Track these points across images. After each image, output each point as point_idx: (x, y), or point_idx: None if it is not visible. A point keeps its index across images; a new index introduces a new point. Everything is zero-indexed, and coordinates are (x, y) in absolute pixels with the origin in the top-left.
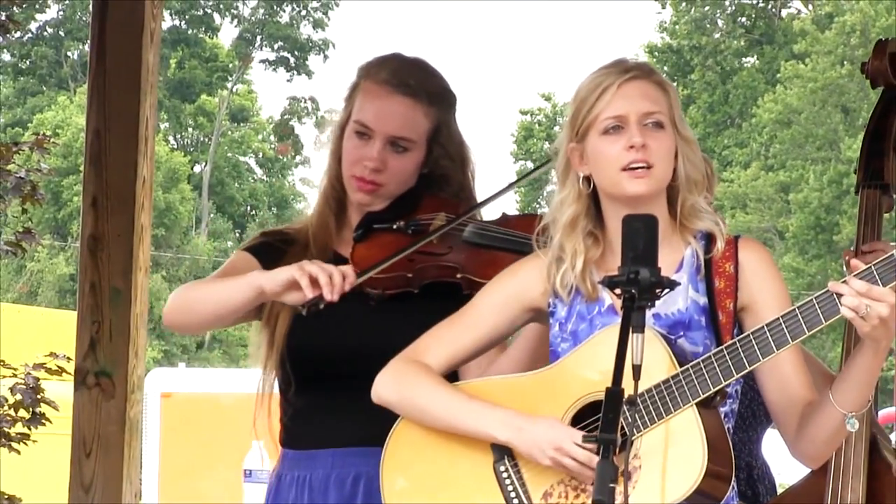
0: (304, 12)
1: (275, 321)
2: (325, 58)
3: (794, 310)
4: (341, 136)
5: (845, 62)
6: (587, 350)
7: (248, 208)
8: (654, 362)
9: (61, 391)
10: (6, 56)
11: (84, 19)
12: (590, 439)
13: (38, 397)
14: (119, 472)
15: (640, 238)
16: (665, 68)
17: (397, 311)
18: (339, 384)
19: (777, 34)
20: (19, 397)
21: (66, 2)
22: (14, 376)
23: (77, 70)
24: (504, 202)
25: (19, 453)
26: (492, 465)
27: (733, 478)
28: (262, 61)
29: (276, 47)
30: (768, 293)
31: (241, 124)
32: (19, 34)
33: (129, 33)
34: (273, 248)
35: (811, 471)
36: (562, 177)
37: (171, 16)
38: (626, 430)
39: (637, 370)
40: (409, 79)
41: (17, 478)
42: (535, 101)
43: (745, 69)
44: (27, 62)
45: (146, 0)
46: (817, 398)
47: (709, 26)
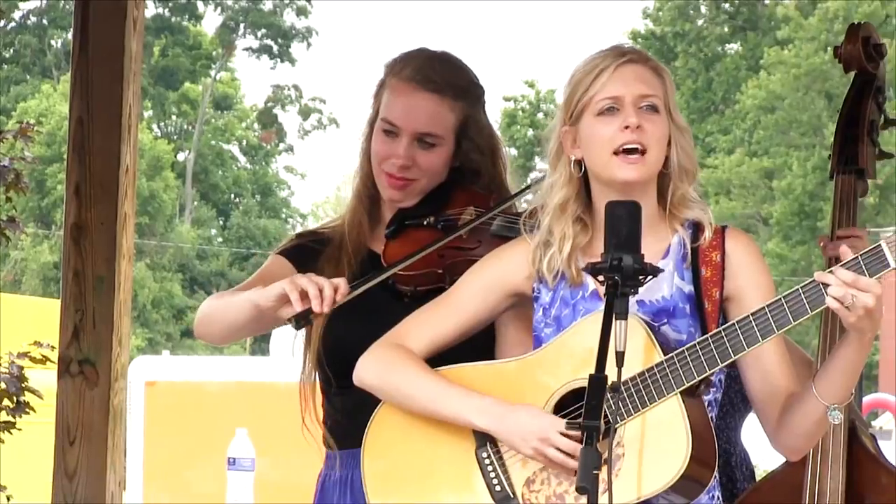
0: (287, 0)
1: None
2: (309, 45)
3: (780, 299)
4: (370, 135)
5: (829, 48)
6: (570, 336)
7: (232, 196)
8: (637, 350)
9: (45, 379)
10: None
11: (67, 8)
12: (573, 426)
13: (22, 386)
14: (103, 461)
15: (624, 225)
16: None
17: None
18: None
19: (760, 20)
20: (3, 386)
21: None
22: (2, 366)
23: (60, 58)
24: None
25: (3, 442)
26: (473, 451)
27: (716, 466)
28: (246, 49)
29: (259, 35)
30: (754, 283)
31: (225, 112)
32: (2, 23)
33: (112, 21)
34: (308, 250)
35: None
36: (553, 160)
37: (154, 4)
38: (610, 417)
39: (620, 357)
40: (434, 74)
41: (1, 466)
42: (518, 88)
43: (728, 56)
44: (10, 51)
45: None
46: (800, 390)
47: (692, 13)
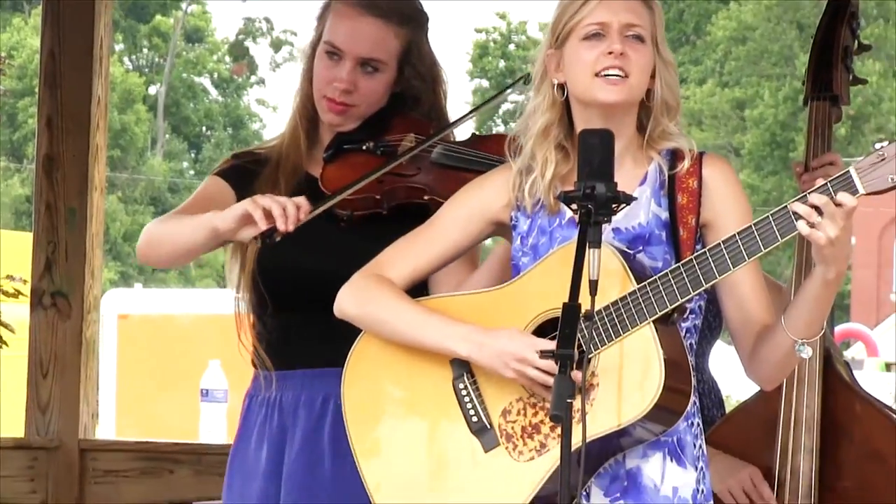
0: None
1: (246, 244)
2: None
3: (751, 227)
4: (312, 57)
5: None
6: (546, 265)
7: (204, 129)
8: (611, 278)
9: (18, 313)
10: None
11: None
12: (547, 355)
13: None
14: (76, 393)
15: (597, 153)
16: None
17: (367, 232)
18: (310, 305)
19: None
20: None
21: None
22: None
23: None
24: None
25: None
26: (451, 381)
27: (693, 392)
28: None
29: None
30: (731, 209)
31: (196, 45)
32: None
33: None
34: (245, 171)
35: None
36: (538, 83)
37: None
38: (584, 346)
39: (594, 285)
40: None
41: None
42: (490, 20)
43: None
44: None
45: None
46: (774, 321)
47: None
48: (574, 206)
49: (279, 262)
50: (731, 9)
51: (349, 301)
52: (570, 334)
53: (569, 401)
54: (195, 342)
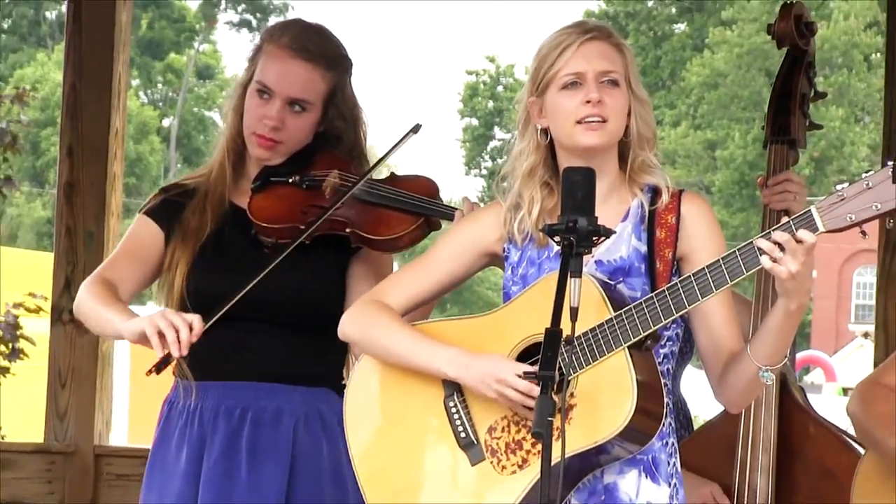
0: None
1: (175, 268)
2: (285, 19)
3: (719, 261)
4: (243, 95)
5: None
6: (532, 293)
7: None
8: (590, 306)
9: (39, 327)
10: None
11: None
12: (530, 376)
13: (17, 333)
14: (92, 402)
15: (579, 189)
16: None
17: (289, 258)
18: (233, 324)
19: (706, 2)
20: (2, 334)
21: None
22: None
23: (55, 29)
24: (423, 154)
25: None
26: (442, 400)
27: (665, 415)
28: (227, 23)
29: (239, 10)
30: (706, 244)
31: (207, 81)
32: None
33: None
34: (172, 204)
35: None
36: (521, 129)
37: None
38: (563, 369)
39: (574, 312)
40: (310, 44)
41: None
42: (480, 63)
43: (675, 35)
44: (8, 21)
45: None
46: (741, 349)
47: None
48: (557, 238)
49: (205, 284)
50: (704, 56)
51: (351, 326)
52: (552, 357)
53: (549, 419)
54: None
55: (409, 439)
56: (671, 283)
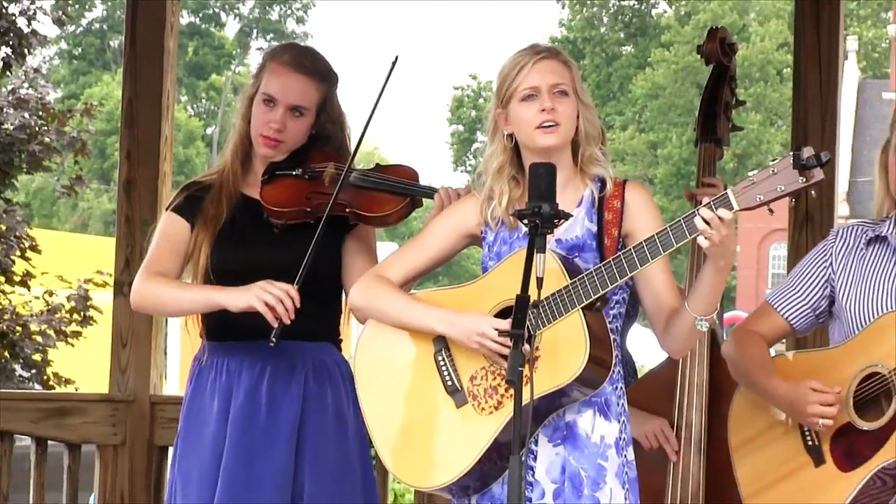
0: (289, 11)
1: (199, 249)
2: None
3: (653, 236)
4: (250, 105)
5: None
6: (505, 266)
7: None
8: (551, 276)
9: (104, 299)
10: (63, 44)
11: (122, 16)
12: (504, 334)
13: (88, 304)
14: (147, 359)
15: (543, 181)
16: None
17: (296, 237)
18: None
19: (648, 28)
20: (74, 304)
21: (108, 2)
22: (70, 288)
23: (117, 55)
24: (419, 155)
25: (73, 346)
26: (433, 355)
27: (613, 364)
28: (258, 49)
29: (268, 38)
30: (645, 223)
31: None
32: (73, 27)
33: (154, 26)
34: (194, 198)
35: (667, 359)
36: (491, 135)
37: (187, 13)
38: (531, 327)
39: (539, 281)
40: (305, 62)
41: (71, 366)
42: (464, 80)
43: (623, 55)
44: (79, 49)
45: (167, 0)
46: (680, 305)
47: (596, 23)
48: (525, 221)
49: (226, 260)
50: (646, 73)
51: (358, 295)
52: (522, 318)
53: (520, 369)
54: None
55: (405, 387)
56: (615, 255)
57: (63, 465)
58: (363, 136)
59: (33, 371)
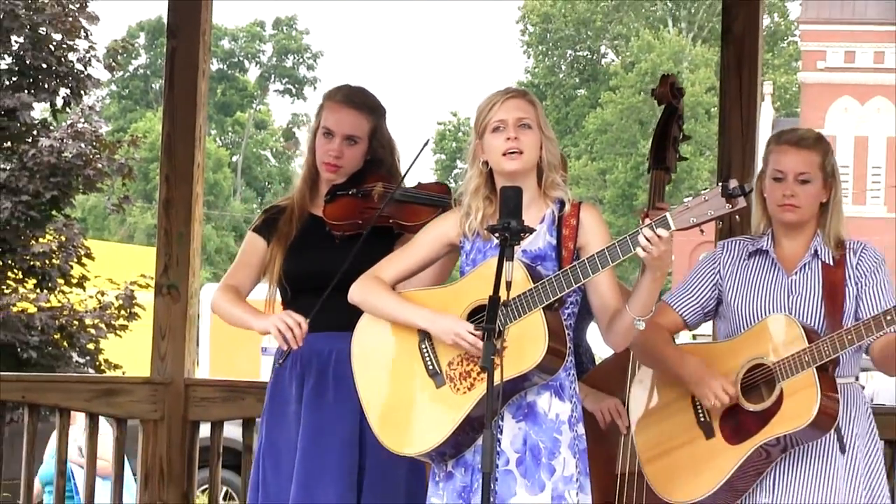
0: (301, 60)
1: (274, 260)
2: (315, 88)
3: (603, 249)
4: (314, 139)
5: (641, 93)
6: (479, 272)
7: (266, 184)
8: (517, 280)
9: (147, 298)
10: (113, 86)
11: (162, 63)
12: (479, 328)
13: (133, 302)
14: (183, 349)
15: (511, 201)
16: None
17: (351, 245)
18: (316, 292)
19: (599, 75)
20: (121, 302)
21: (151, 52)
22: (118, 289)
23: (158, 95)
24: (421, 175)
25: (121, 338)
26: (417, 344)
27: (567, 354)
28: (275, 91)
29: (283, 82)
30: (596, 239)
31: (262, 130)
32: (122, 72)
33: (189, 72)
34: (271, 220)
35: None
36: (470, 162)
37: (216, 61)
38: (501, 323)
39: (508, 285)
40: (356, 98)
41: (119, 354)
42: (446, 116)
43: (578, 97)
44: (126, 90)
45: (200, 50)
46: (621, 307)
47: (556, 70)
48: (496, 234)
49: (294, 267)
50: (597, 112)
51: (356, 292)
52: (493, 315)
53: (492, 357)
54: None
55: (394, 370)
56: (571, 265)
57: (111, 436)
58: (406, 175)
59: (87, 358)
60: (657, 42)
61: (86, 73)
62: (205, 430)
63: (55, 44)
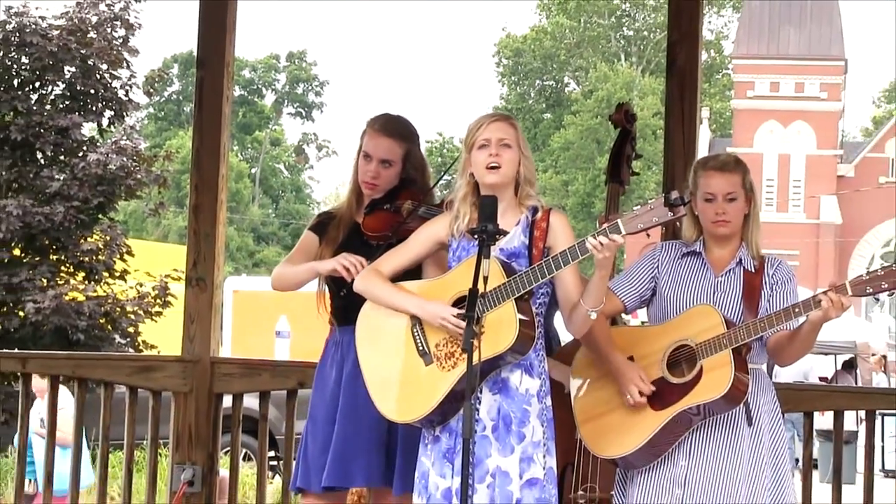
0: (310, 87)
1: (322, 258)
2: (321, 111)
3: (566, 250)
4: (357, 160)
5: (598, 116)
6: (463, 267)
7: (280, 192)
8: (494, 275)
9: (179, 289)
10: (151, 109)
11: (192, 90)
12: (461, 315)
13: (167, 292)
14: (209, 332)
15: (488, 208)
16: None
17: (385, 250)
18: (355, 294)
19: (562, 101)
20: (157, 292)
21: (183, 80)
22: (154, 281)
23: (189, 117)
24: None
25: (156, 322)
26: (409, 328)
27: (536, 337)
28: (288, 113)
29: (295, 106)
30: (562, 239)
31: (276, 147)
32: (158, 97)
33: (215, 98)
34: (323, 224)
35: None
36: (460, 173)
37: (238, 88)
38: (479, 311)
39: (485, 280)
40: (390, 126)
41: (155, 336)
42: (433, 136)
43: (544, 120)
44: (162, 112)
45: (224, 79)
46: (579, 300)
47: (526, 97)
48: (475, 236)
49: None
50: (560, 132)
51: (359, 283)
52: (473, 304)
53: (472, 340)
54: (273, 305)
55: (390, 349)
56: (537, 264)
57: (148, 406)
58: (427, 195)
59: (128, 339)
60: (612, 73)
61: (127, 98)
62: (227, 402)
63: (102, 73)
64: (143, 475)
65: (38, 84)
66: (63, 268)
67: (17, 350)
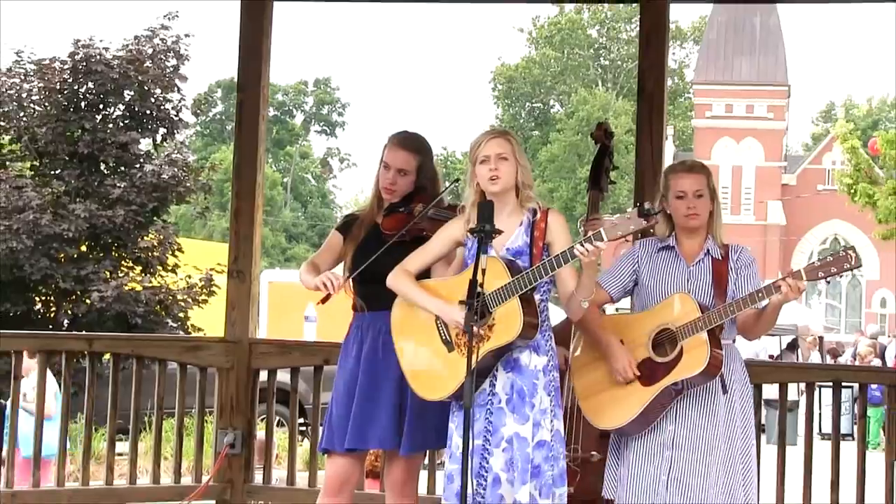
0: (334, 109)
1: (347, 255)
2: (343, 129)
3: (559, 254)
4: (379, 169)
5: (579, 134)
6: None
7: (308, 198)
8: (500, 275)
9: (221, 280)
10: (198, 127)
11: (234, 110)
12: (462, 304)
13: (212, 283)
14: (247, 317)
15: (485, 210)
16: None
17: (399, 249)
18: (374, 284)
19: (549, 120)
20: (203, 283)
21: (225, 103)
22: (201, 273)
23: (230, 134)
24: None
25: (203, 308)
26: (434, 319)
27: (540, 324)
28: (315, 131)
29: (321, 125)
30: (559, 237)
31: (304, 160)
32: (204, 117)
33: (252, 117)
34: (348, 224)
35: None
36: (469, 183)
37: (272, 109)
38: (488, 306)
39: (483, 272)
40: (407, 141)
41: (201, 320)
42: (438, 150)
43: (534, 137)
44: (208, 130)
45: (260, 102)
46: (574, 292)
47: (517, 117)
48: (474, 235)
49: (359, 263)
50: (547, 147)
51: (391, 281)
52: (473, 293)
53: (471, 324)
54: (301, 294)
55: (419, 337)
56: (539, 264)
57: (196, 380)
58: (435, 201)
59: (178, 323)
60: (591, 97)
61: (178, 118)
62: (263, 376)
63: (156, 96)
64: (192, 439)
65: (101, 106)
66: (123, 262)
67: (84, 332)
